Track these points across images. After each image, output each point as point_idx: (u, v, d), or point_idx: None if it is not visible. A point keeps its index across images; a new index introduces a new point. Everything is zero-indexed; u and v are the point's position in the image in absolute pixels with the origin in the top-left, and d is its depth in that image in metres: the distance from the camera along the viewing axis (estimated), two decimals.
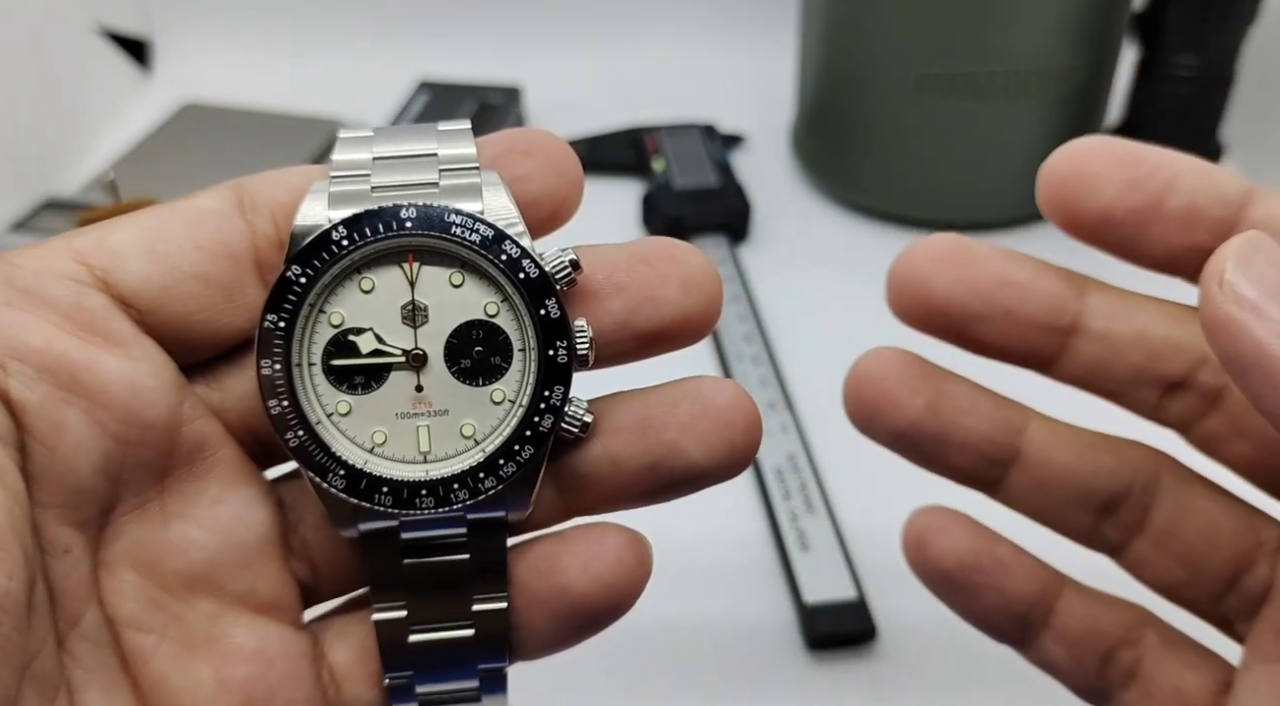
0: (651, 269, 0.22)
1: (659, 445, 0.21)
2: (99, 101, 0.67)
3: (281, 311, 0.20)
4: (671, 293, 0.21)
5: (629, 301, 0.21)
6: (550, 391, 0.21)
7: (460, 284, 0.21)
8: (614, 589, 0.22)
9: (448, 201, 0.21)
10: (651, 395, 0.22)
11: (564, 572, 0.22)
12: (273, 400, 0.20)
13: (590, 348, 0.21)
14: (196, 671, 0.21)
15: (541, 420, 0.21)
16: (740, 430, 0.21)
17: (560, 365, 0.21)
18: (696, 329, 0.22)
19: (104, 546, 0.20)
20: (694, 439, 0.21)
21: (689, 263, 0.22)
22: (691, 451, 0.21)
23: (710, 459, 0.21)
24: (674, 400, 0.22)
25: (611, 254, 0.22)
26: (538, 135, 0.22)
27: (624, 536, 0.22)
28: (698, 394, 0.22)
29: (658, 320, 0.22)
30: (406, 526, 0.21)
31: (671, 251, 0.22)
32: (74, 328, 0.19)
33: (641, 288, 0.21)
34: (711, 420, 0.21)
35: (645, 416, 0.22)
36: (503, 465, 0.21)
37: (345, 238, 0.20)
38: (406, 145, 0.22)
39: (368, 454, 0.21)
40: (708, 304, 0.22)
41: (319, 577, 0.23)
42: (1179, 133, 0.52)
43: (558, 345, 0.21)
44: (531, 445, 0.21)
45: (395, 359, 0.21)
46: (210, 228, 0.21)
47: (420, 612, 0.22)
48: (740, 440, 0.22)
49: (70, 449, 0.19)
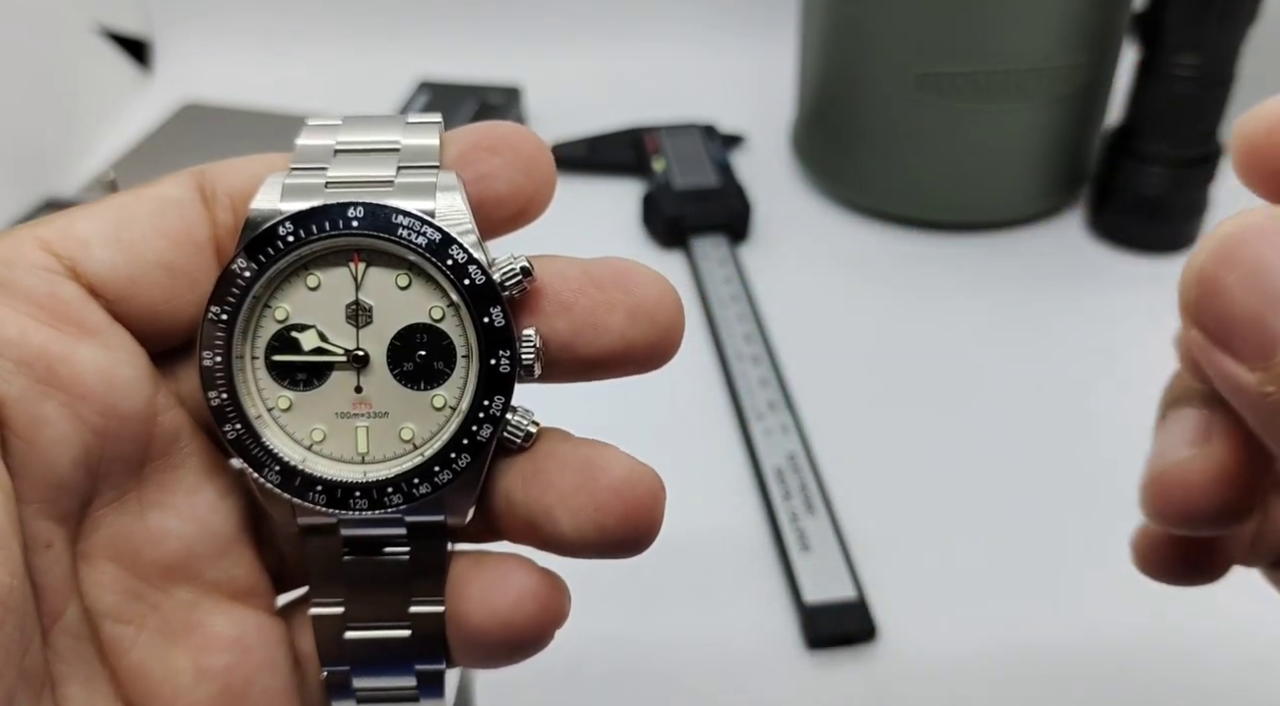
0: (600, 293, 0.21)
1: (537, 504, 0.21)
2: (99, 101, 0.67)
3: (225, 303, 0.20)
4: (615, 321, 0.21)
5: (572, 323, 0.21)
6: (490, 400, 0.20)
7: (406, 286, 0.21)
8: (509, 629, 0.21)
9: (400, 200, 0.20)
10: (564, 446, 0.21)
11: (466, 600, 0.21)
12: (213, 391, 0.20)
13: (536, 358, 0.20)
14: (175, 660, 0.21)
15: (480, 429, 0.21)
16: (617, 514, 0.20)
17: (502, 375, 0.20)
18: (645, 359, 0.21)
19: (82, 538, 0.20)
20: (567, 512, 0.20)
21: (639, 291, 0.21)
22: (562, 522, 0.20)
23: (578, 535, 0.20)
24: (569, 463, 0.21)
25: (566, 269, 0.21)
26: (507, 130, 0.21)
27: (530, 579, 0.21)
28: (589, 464, 0.21)
29: (598, 348, 0.21)
30: (345, 523, 0.21)
31: (624, 278, 0.21)
32: (49, 318, 0.19)
33: (585, 311, 0.21)
34: (586, 497, 0.20)
35: (537, 468, 0.21)
36: (439, 471, 0.21)
37: (291, 233, 0.20)
38: (370, 135, 0.21)
39: (306, 451, 0.21)
40: (659, 335, 0.21)
41: (285, 566, 0.23)
42: (1179, 133, 0.52)
43: (500, 354, 0.20)
44: (469, 453, 0.21)
45: (337, 358, 0.21)
46: (174, 216, 0.20)
47: (357, 609, 0.21)
48: (613, 525, 0.20)
49: (49, 443, 0.19)
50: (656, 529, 0.21)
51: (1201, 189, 0.54)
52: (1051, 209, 0.57)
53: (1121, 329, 0.50)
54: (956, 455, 0.44)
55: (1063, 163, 0.55)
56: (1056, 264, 0.54)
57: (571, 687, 0.36)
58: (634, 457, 0.21)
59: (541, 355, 0.21)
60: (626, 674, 0.36)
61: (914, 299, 0.53)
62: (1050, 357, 0.49)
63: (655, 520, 0.21)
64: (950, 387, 0.48)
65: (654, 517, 0.21)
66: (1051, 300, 0.52)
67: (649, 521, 0.21)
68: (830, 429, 0.44)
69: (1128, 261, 0.55)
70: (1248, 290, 0.17)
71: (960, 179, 0.55)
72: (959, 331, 0.51)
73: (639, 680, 0.36)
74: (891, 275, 0.54)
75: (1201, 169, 0.53)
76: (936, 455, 0.44)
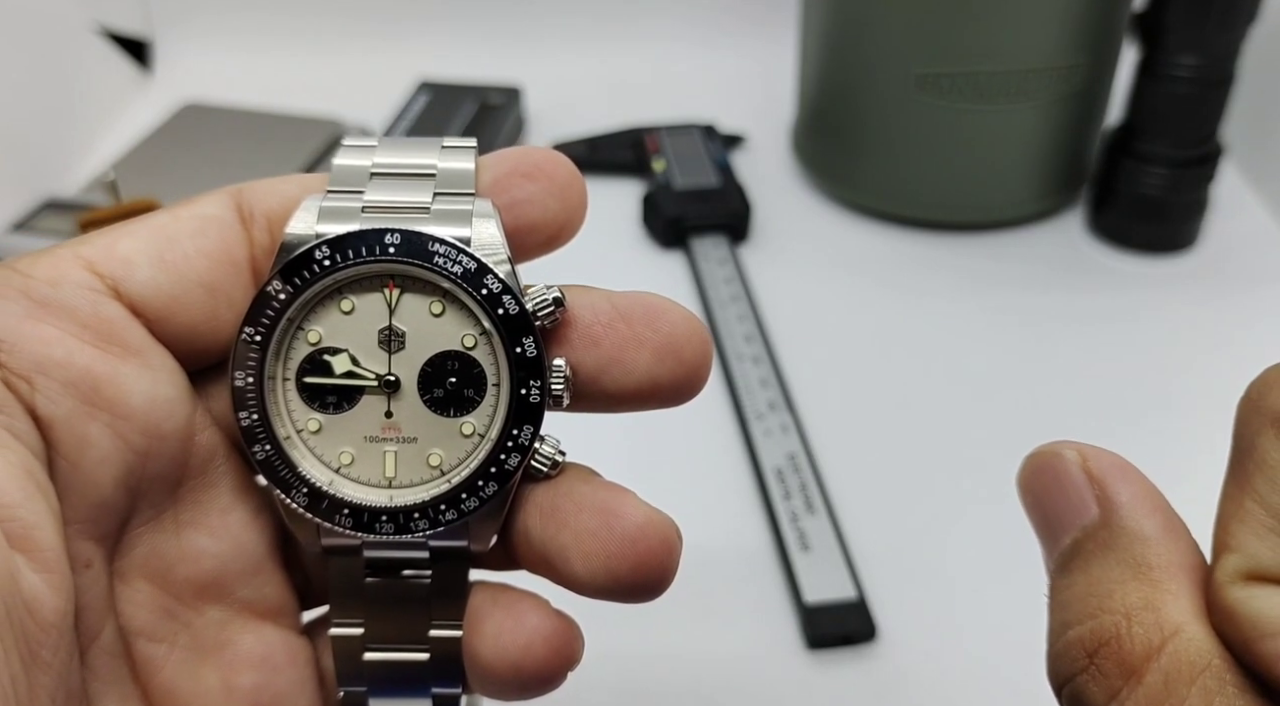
0: (628, 328, 0.21)
1: (553, 543, 0.21)
2: (99, 101, 0.67)
3: (259, 325, 0.20)
4: (643, 359, 0.21)
5: (600, 358, 0.21)
6: (520, 430, 0.21)
7: (440, 313, 0.21)
8: (519, 671, 0.21)
9: (436, 227, 0.20)
10: (583, 487, 0.21)
11: (480, 636, 0.21)
12: (243, 412, 0.20)
13: (566, 388, 0.21)
14: (205, 679, 0.21)
15: (508, 458, 0.21)
16: (630, 563, 0.20)
17: (532, 405, 0.20)
18: (671, 396, 0.21)
19: (119, 557, 0.20)
20: (581, 556, 0.20)
21: (667, 329, 0.21)
22: (575, 565, 0.20)
23: (590, 579, 0.20)
24: (585, 506, 0.21)
25: (596, 301, 0.21)
26: (543, 157, 0.21)
27: (544, 623, 0.21)
28: (605, 510, 0.20)
29: (624, 385, 0.21)
30: (369, 545, 0.21)
31: (653, 314, 0.21)
32: (93, 338, 0.19)
33: (613, 347, 0.21)
34: (600, 544, 0.20)
35: (556, 506, 0.21)
36: (465, 499, 0.21)
37: (328, 257, 0.20)
38: (407, 158, 0.21)
39: (334, 473, 0.21)
40: (686, 374, 0.21)
41: (311, 585, 0.23)
42: (1179, 133, 0.52)
43: (531, 384, 0.20)
44: (496, 481, 0.21)
45: (368, 382, 0.21)
46: (214, 236, 0.21)
47: (377, 631, 0.22)
48: (625, 572, 0.20)
49: (94, 464, 0.19)
50: (670, 578, 0.21)
51: (1201, 189, 0.54)
52: (1051, 209, 0.57)
53: (1121, 329, 0.50)
54: (957, 455, 0.44)
55: (1063, 163, 0.55)
56: (1056, 264, 0.54)
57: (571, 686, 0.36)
58: (651, 506, 0.21)
59: (570, 386, 0.21)
60: (626, 673, 0.36)
61: (914, 299, 0.53)
62: (1050, 357, 0.49)
63: (669, 569, 0.21)
64: (950, 387, 0.48)
65: (667, 567, 0.21)
66: (1051, 300, 0.52)
67: (662, 571, 0.20)
68: (830, 429, 0.44)
69: (1128, 261, 0.55)
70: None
71: (960, 179, 0.55)
72: (959, 331, 0.51)
73: (639, 679, 0.36)
74: (891, 275, 0.54)
75: (1201, 169, 0.53)
76: (937, 455, 0.44)
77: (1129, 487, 0.18)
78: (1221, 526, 0.17)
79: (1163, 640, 0.16)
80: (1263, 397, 0.17)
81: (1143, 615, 0.17)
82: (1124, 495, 0.18)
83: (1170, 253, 0.55)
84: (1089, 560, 0.18)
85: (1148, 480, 0.18)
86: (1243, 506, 0.16)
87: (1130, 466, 0.19)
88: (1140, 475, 0.18)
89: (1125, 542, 0.17)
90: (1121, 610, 0.17)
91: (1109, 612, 0.17)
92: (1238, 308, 0.52)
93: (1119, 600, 0.17)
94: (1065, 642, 0.18)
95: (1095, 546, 0.18)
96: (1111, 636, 0.17)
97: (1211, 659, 0.16)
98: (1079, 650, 0.17)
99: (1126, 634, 0.17)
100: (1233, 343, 0.50)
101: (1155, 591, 0.17)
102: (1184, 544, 0.18)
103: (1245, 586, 0.16)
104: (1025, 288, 0.53)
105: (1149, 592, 0.17)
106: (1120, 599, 0.17)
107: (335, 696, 0.22)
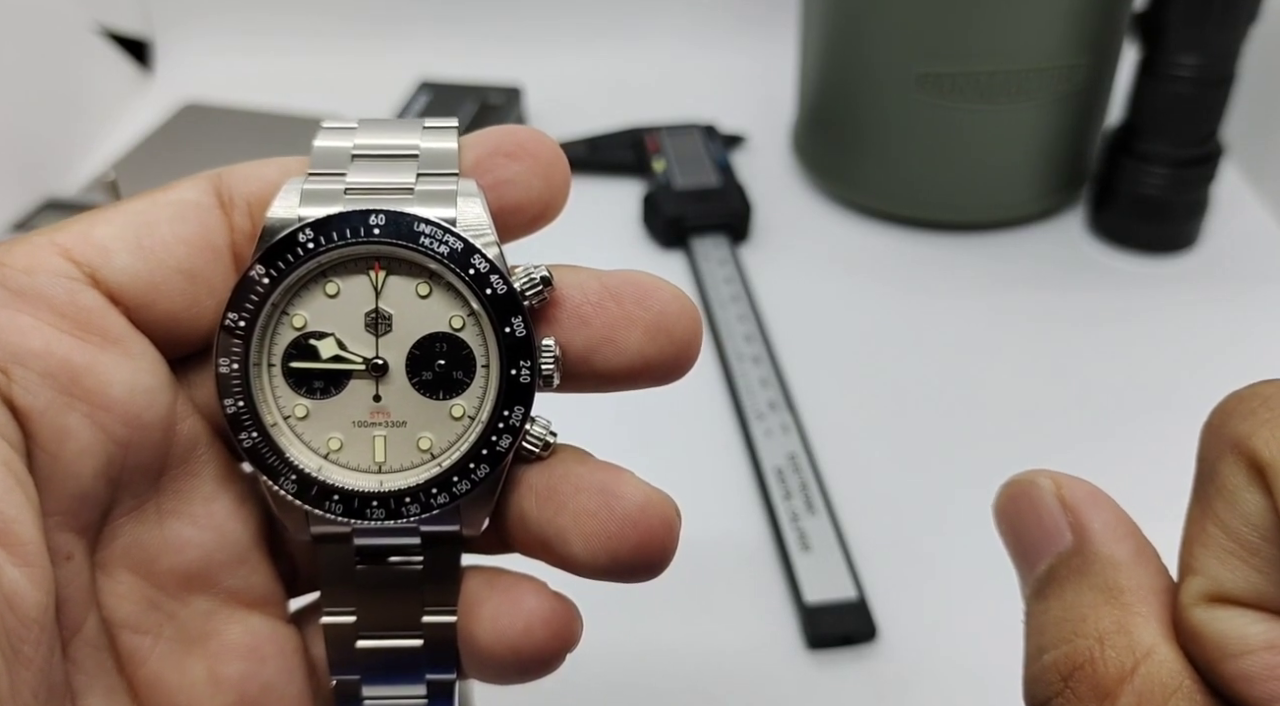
0: (618, 307, 0.21)
1: (551, 525, 0.21)
2: (99, 101, 0.67)
3: (242, 310, 0.20)
4: (634, 338, 0.21)
5: (590, 337, 0.21)
6: (510, 411, 0.20)
7: (427, 295, 0.20)
8: (518, 653, 0.21)
9: (420, 207, 0.20)
10: (580, 468, 0.21)
11: (477, 620, 0.21)
12: (229, 399, 0.20)
13: (556, 368, 0.20)
14: (191, 670, 0.21)
15: (499, 439, 0.20)
16: (630, 543, 0.20)
17: (522, 385, 0.20)
18: (662, 374, 0.21)
19: (100, 548, 0.20)
20: (580, 537, 0.20)
21: (658, 307, 0.21)
22: (575, 546, 0.20)
23: (591, 560, 0.20)
24: (584, 487, 0.20)
25: (585, 280, 0.21)
26: (526, 135, 0.21)
27: (542, 605, 0.21)
28: (604, 490, 0.20)
29: (615, 364, 0.21)
30: (359, 532, 0.21)
31: (642, 292, 0.21)
32: (71, 327, 0.19)
33: (604, 326, 0.21)
34: (600, 524, 0.20)
35: (553, 488, 0.21)
36: (457, 482, 0.20)
37: (312, 240, 0.20)
38: (388, 139, 0.21)
39: (322, 460, 0.21)
40: (677, 351, 0.21)
41: (298, 573, 0.23)
42: (1179, 133, 0.52)
43: (521, 365, 0.20)
44: (488, 464, 0.20)
45: (355, 366, 0.21)
46: (193, 221, 0.20)
47: (369, 618, 0.21)
48: (626, 553, 0.20)
49: (73, 455, 0.19)
50: (670, 556, 0.21)
51: (1201, 189, 0.54)
52: (1051, 209, 0.57)
53: (1121, 329, 0.50)
54: (957, 455, 0.44)
55: (1063, 163, 0.55)
56: (1056, 264, 0.54)
57: (571, 686, 0.36)
58: (649, 485, 0.21)
59: (560, 365, 0.20)
60: (626, 673, 0.36)
61: (914, 299, 0.53)
62: (1050, 357, 0.49)
63: (669, 548, 0.21)
64: (951, 387, 0.47)
65: (667, 546, 0.20)
66: (1052, 300, 0.52)
67: (662, 550, 0.20)
68: (830, 429, 0.44)
69: (1128, 261, 0.55)
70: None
71: (960, 178, 0.55)
72: (959, 331, 0.51)
73: (639, 679, 0.36)
74: (891, 275, 0.54)
75: (1201, 169, 0.53)
76: (937, 455, 0.44)
77: (1101, 515, 0.18)
78: (1186, 549, 0.17)
79: (1135, 662, 0.17)
80: (1224, 424, 0.17)
81: (1115, 638, 0.17)
82: (1097, 522, 0.18)
83: (1171, 252, 0.55)
84: (1063, 586, 0.18)
85: (1119, 508, 0.19)
86: (1205, 530, 0.17)
87: (1103, 494, 0.19)
88: (1112, 503, 0.19)
89: (1098, 568, 0.18)
90: (1095, 634, 0.17)
91: (1083, 637, 0.17)
92: (1238, 307, 0.52)
93: (1092, 624, 0.17)
94: (1041, 667, 0.18)
95: (1069, 572, 0.18)
96: (1085, 660, 0.17)
97: (1183, 680, 0.16)
98: (1054, 674, 0.17)
99: (1100, 657, 0.17)
100: (1233, 342, 0.50)
101: (1127, 614, 0.17)
102: (1154, 567, 0.18)
103: (1209, 608, 0.16)
104: (1026, 287, 0.53)
105: (1121, 616, 0.17)
106: (1094, 623, 0.17)
107: (326, 684, 0.22)
